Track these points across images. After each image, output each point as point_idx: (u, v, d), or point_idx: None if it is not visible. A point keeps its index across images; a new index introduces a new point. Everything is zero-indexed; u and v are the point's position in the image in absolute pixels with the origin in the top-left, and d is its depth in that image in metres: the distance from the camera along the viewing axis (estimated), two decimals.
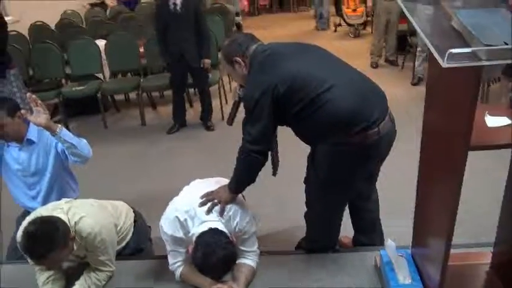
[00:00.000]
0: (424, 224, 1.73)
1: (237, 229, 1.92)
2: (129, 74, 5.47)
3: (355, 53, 6.19)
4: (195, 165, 3.75)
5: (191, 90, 5.05)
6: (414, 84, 5.01)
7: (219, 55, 4.88)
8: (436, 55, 1.12)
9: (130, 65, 5.06)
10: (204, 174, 2.34)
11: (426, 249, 1.72)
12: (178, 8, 3.98)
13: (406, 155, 3.17)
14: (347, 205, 2.13)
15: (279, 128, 1.93)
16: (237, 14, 7.77)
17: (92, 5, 7.69)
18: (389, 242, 1.84)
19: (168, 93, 5.20)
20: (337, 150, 1.76)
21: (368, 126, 1.71)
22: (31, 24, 6.15)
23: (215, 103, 4.62)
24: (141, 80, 4.82)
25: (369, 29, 7.69)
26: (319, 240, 2.14)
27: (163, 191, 3.27)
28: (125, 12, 6.72)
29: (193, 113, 4.70)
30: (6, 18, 4.32)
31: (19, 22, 6.01)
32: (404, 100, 4.46)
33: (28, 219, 1.87)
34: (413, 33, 5.08)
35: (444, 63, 1.08)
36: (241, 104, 2.04)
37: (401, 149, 2.11)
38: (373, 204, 2.21)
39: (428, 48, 1.18)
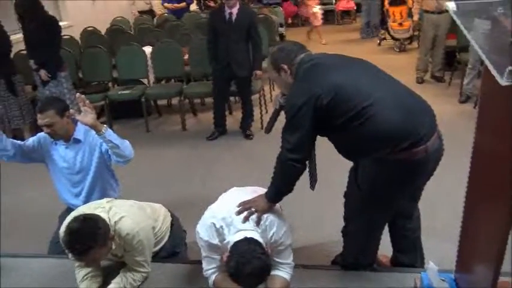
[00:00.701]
0: (471, 249, 1.64)
1: (272, 240, 1.90)
2: (172, 80, 5.60)
3: (399, 68, 6.04)
4: (233, 172, 3.76)
5: (231, 98, 5.09)
6: (462, 102, 4.83)
7: (262, 64, 4.97)
8: (493, 72, 1.07)
9: (175, 72, 5.17)
10: (241, 182, 2.34)
11: (472, 275, 1.63)
12: (233, 18, 4.03)
13: (451, 174, 3.06)
14: (387, 222, 2.06)
15: (317, 143, 1.91)
16: (281, 25, 7.81)
17: (141, 12, 7.95)
18: (431, 265, 1.77)
19: (209, 100, 5.27)
20: (382, 166, 1.72)
21: (415, 142, 1.66)
22: (83, 30, 6.42)
23: (255, 112, 4.63)
24: (184, 87, 4.92)
25: (415, 43, 7.51)
26: (356, 257, 2.08)
27: (200, 196, 3.33)
28: (172, 21, 6.90)
29: (233, 120, 4.74)
30: (60, 23, 4.53)
31: (72, 27, 6.29)
32: (450, 118, 4.30)
33: (71, 215, 1.93)
34: (463, 49, 4.91)
35: (503, 81, 1.03)
36: (281, 113, 2.04)
37: (446, 168, 2.02)
38: (414, 223, 2.13)
39: (481, 65, 1.13)
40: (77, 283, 2.02)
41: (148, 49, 5.18)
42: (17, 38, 4.87)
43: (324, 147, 1.97)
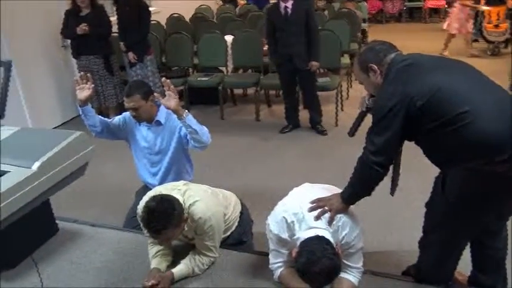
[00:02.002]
0: None
1: (343, 241, 1.84)
2: (249, 70, 5.65)
3: (492, 73, 5.54)
4: (303, 167, 3.72)
5: None
6: None
7: (342, 60, 4.85)
8: None
9: (253, 62, 5.20)
10: (310, 178, 2.29)
11: None
12: (289, 11, 4.00)
13: None
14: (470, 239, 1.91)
15: None
16: (364, 21, 7.55)
17: (224, 1, 8.09)
18: None
19: None
20: (475, 178, 1.58)
21: None
22: (169, 16, 6.67)
23: (330, 108, 4.53)
24: (261, 77, 4.93)
25: (510, 47, 6.91)
26: (431, 271, 1.95)
27: (269, 188, 3.34)
28: (253, 11, 6.95)
29: (307, 115, 4.67)
30: (150, 9, 4.73)
31: (159, 13, 6.55)
32: None
33: (149, 194, 2.00)
34: None
35: None
36: (367, 116, 1.95)
37: None
38: (501, 242, 1.96)
39: None
40: (149, 258, 2.10)
41: (229, 38, 5.26)
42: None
43: (404, 152, 1.86)
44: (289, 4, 4.00)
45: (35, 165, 1.23)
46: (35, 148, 1.29)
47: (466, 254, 2.01)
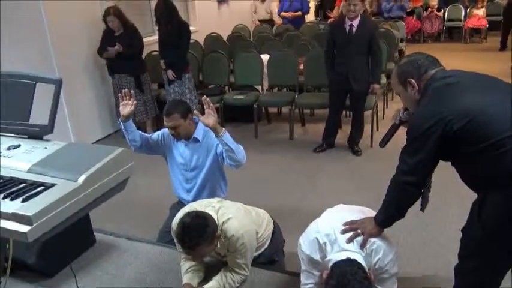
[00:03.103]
0: None
1: (377, 266, 1.81)
2: (284, 89, 5.69)
3: None
4: (336, 188, 3.69)
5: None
6: None
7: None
8: None
9: (288, 81, 5.25)
10: (343, 199, 2.27)
11: None
12: (354, 30, 3.98)
13: None
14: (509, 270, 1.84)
15: None
16: (402, 40, 7.48)
17: (261, 21, 8.23)
18: None
19: (318, 111, 5.26)
20: None
21: None
22: (207, 35, 6.85)
23: (366, 128, 4.49)
24: (296, 96, 4.96)
25: None
26: None
27: (302, 208, 3.33)
28: (290, 30, 7.03)
29: (341, 135, 4.65)
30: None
31: (198, 32, 6.75)
32: None
33: (184, 210, 2.05)
34: None
35: None
36: (399, 128, 1.94)
37: None
38: None
39: None
40: (181, 273, 2.14)
41: (265, 57, 5.33)
42: (151, 40, 5.38)
43: (441, 173, 1.82)
44: (355, 23, 3.95)
45: (81, 179, 1.29)
46: (81, 162, 1.36)
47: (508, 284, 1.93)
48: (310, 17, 9.39)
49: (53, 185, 1.29)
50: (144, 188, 3.83)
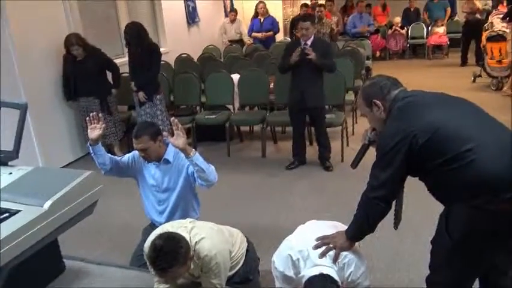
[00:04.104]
0: None
1: (349, 279, 1.84)
2: (256, 108, 5.75)
3: (496, 108, 5.64)
4: (309, 204, 3.72)
5: (312, 128, 5.08)
6: None
7: (347, 96, 4.93)
8: None
9: (259, 100, 5.31)
10: (317, 214, 2.31)
11: None
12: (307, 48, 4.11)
13: None
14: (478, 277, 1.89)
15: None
16: (368, 58, 7.71)
17: (232, 41, 8.34)
18: None
19: (290, 129, 5.31)
20: (478, 215, 1.59)
21: None
22: (178, 56, 6.88)
23: (336, 144, 4.57)
24: (267, 115, 5.02)
25: None
26: None
27: (275, 225, 3.34)
28: (260, 50, 7.14)
29: (313, 151, 4.71)
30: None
31: (168, 53, 6.77)
32: None
33: (156, 232, 2.03)
34: None
35: None
36: (370, 148, 1.99)
37: None
38: (509, 280, 1.93)
39: None
40: None
41: (236, 76, 5.39)
42: (120, 62, 5.36)
43: (409, 186, 1.88)
44: (309, 42, 4.15)
45: (47, 204, 1.27)
46: (47, 187, 1.34)
47: None
48: (280, 36, 9.58)
49: (18, 211, 1.26)
50: (116, 211, 3.76)
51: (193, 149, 2.31)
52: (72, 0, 5.01)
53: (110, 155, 2.60)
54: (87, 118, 2.49)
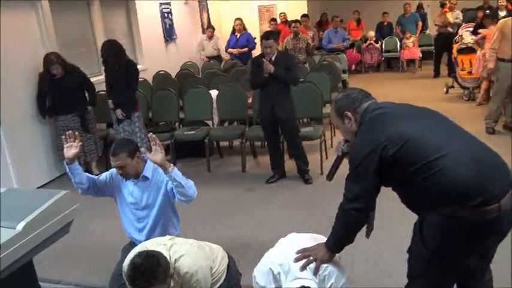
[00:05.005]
0: None
1: None
2: (235, 123, 5.77)
3: (468, 117, 5.82)
4: (290, 217, 3.73)
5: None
6: None
7: (324, 109, 5.00)
8: None
9: (238, 115, 5.34)
10: (298, 227, 2.32)
11: None
12: (272, 63, 4.17)
13: None
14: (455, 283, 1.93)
15: (382, 192, 1.86)
16: (344, 71, 7.86)
17: (210, 58, 8.37)
18: None
19: None
20: (450, 223, 1.63)
21: (487, 200, 1.57)
22: (156, 73, 6.87)
23: (315, 157, 4.62)
24: (246, 129, 5.04)
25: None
26: None
27: (256, 239, 3.33)
28: (238, 66, 7.19)
29: (292, 165, 4.74)
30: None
31: (146, 70, 6.76)
32: None
33: (135, 250, 2.00)
34: None
35: None
36: (344, 160, 2.02)
37: None
38: (485, 285, 1.97)
39: None
40: None
41: (214, 92, 5.41)
42: (97, 80, 5.32)
43: (387, 196, 1.91)
44: (274, 57, 4.21)
45: (20, 226, 1.24)
46: (20, 208, 1.31)
47: None
48: (257, 52, 9.67)
49: None
50: (94, 232, 3.69)
51: (172, 164, 2.29)
52: (47, 18, 4.97)
53: (87, 173, 2.57)
54: (63, 137, 2.46)
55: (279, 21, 9.32)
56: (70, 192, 1.47)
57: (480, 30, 7.00)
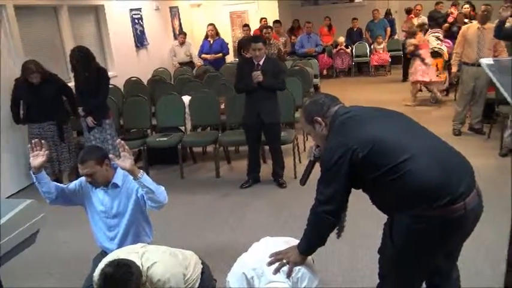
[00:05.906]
0: None
1: None
2: (208, 128, 5.75)
3: (435, 120, 5.99)
4: (264, 221, 3.74)
5: (266, 147, 5.14)
6: (503, 156, 4.69)
7: (296, 114, 5.05)
8: None
9: (211, 120, 5.33)
10: (273, 231, 2.33)
11: None
12: (260, 68, 4.20)
13: (491, 231, 2.92)
14: (424, 282, 1.98)
15: (355, 194, 1.89)
16: (315, 76, 7.96)
17: (182, 64, 8.33)
18: None
19: (243, 148, 5.36)
20: (417, 223, 1.67)
21: (453, 200, 1.62)
22: (127, 79, 6.78)
23: (288, 161, 4.65)
24: (219, 135, 5.03)
25: (451, 95, 7.45)
26: None
27: (231, 245, 3.32)
28: (210, 71, 7.18)
29: (266, 169, 4.76)
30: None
31: (117, 77, 6.66)
32: (491, 172, 4.17)
33: (106, 259, 1.96)
34: (502, 101, 4.83)
35: None
36: (316, 164, 2.05)
37: (486, 224, 1.95)
38: (453, 283, 2.03)
39: None
40: None
41: (186, 98, 5.38)
42: None
43: (361, 198, 1.95)
44: (261, 62, 4.24)
45: None
46: None
47: None
48: (230, 57, 9.70)
49: None
50: (65, 242, 3.61)
51: (141, 171, 2.27)
52: (13, 24, 4.85)
53: (55, 182, 2.51)
54: (29, 145, 2.40)
55: (257, 26, 9.37)
56: (36, 202, 1.43)
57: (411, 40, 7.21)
